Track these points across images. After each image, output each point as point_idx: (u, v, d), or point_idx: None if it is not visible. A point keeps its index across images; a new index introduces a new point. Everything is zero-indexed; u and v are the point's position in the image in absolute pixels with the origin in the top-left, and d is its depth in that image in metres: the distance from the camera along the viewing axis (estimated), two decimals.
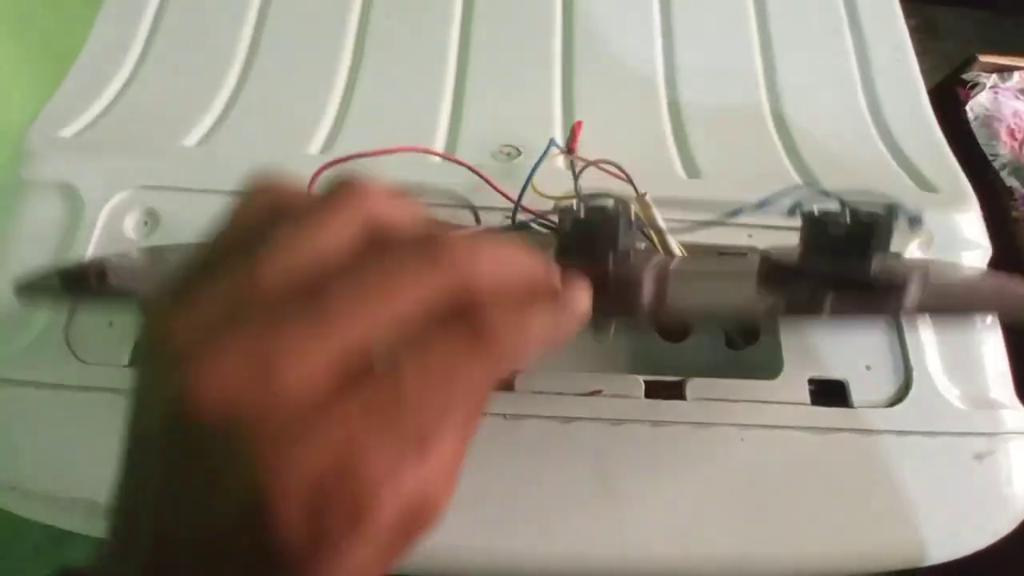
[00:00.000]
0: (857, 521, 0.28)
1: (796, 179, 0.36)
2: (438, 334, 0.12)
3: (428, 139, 0.37)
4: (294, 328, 0.11)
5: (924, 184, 0.37)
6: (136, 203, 0.32)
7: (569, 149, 0.31)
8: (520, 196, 0.29)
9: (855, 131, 0.40)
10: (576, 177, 0.29)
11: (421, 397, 0.12)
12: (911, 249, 0.33)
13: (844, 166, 0.37)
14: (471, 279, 0.13)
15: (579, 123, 0.30)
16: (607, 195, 0.22)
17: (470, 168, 0.31)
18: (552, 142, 0.30)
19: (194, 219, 0.31)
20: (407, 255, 0.13)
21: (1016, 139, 0.95)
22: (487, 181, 0.30)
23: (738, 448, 0.27)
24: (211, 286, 0.12)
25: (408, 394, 0.12)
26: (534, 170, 0.29)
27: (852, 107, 0.41)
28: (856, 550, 0.28)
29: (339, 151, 0.36)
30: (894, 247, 0.33)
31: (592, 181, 0.30)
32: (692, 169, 0.36)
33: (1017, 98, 1.00)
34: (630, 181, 0.29)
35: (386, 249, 0.13)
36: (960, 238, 0.34)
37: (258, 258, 0.12)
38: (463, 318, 0.12)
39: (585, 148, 0.37)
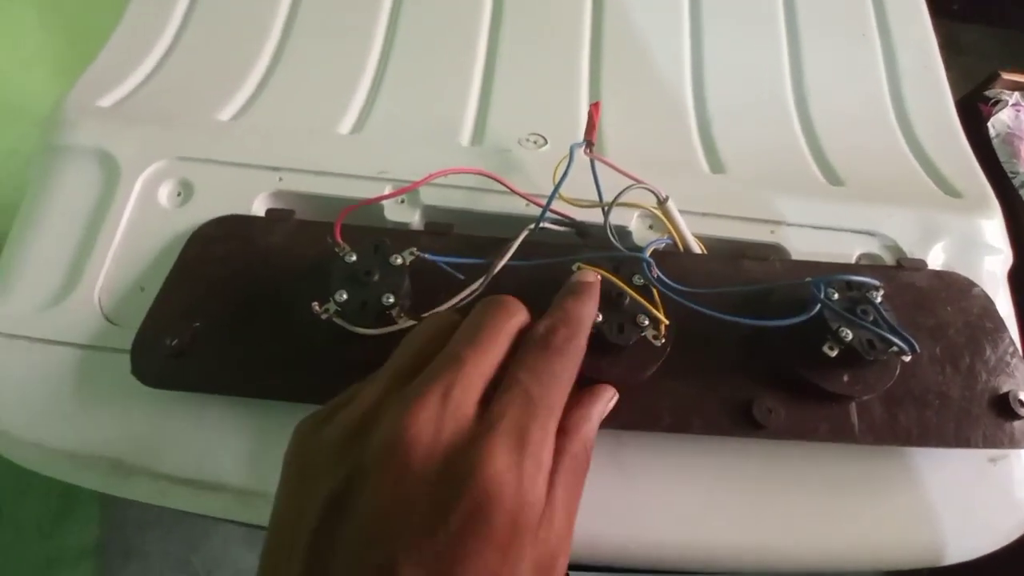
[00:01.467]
0: (871, 520, 0.28)
1: (821, 179, 0.36)
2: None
3: (456, 125, 0.37)
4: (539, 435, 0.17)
5: (948, 189, 0.37)
6: (171, 173, 0.33)
7: (588, 143, 0.31)
8: (543, 212, 0.29)
9: (880, 134, 0.40)
10: (610, 205, 0.29)
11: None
12: (935, 252, 0.33)
13: (869, 168, 0.37)
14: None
15: (596, 105, 0.30)
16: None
17: (506, 186, 0.31)
18: (573, 149, 0.30)
19: (226, 191, 0.32)
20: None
21: None
22: (521, 194, 0.31)
23: (753, 441, 0.28)
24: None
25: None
26: (557, 187, 0.29)
27: (878, 110, 0.41)
28: (870, 549, 0.28)
29: (368, 132, 0.36)
30: (916, 254, 0.33)
31: (614, 180, 0.30)
32: (716, 164, 0.36)
33: None
34: (653, 191, 0.30)
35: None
36: (982, 243, 0.35)
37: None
38: None
39: (609, 140, 0.37)
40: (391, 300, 0.25)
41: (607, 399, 0.24)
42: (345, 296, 0.25)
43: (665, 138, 0.38)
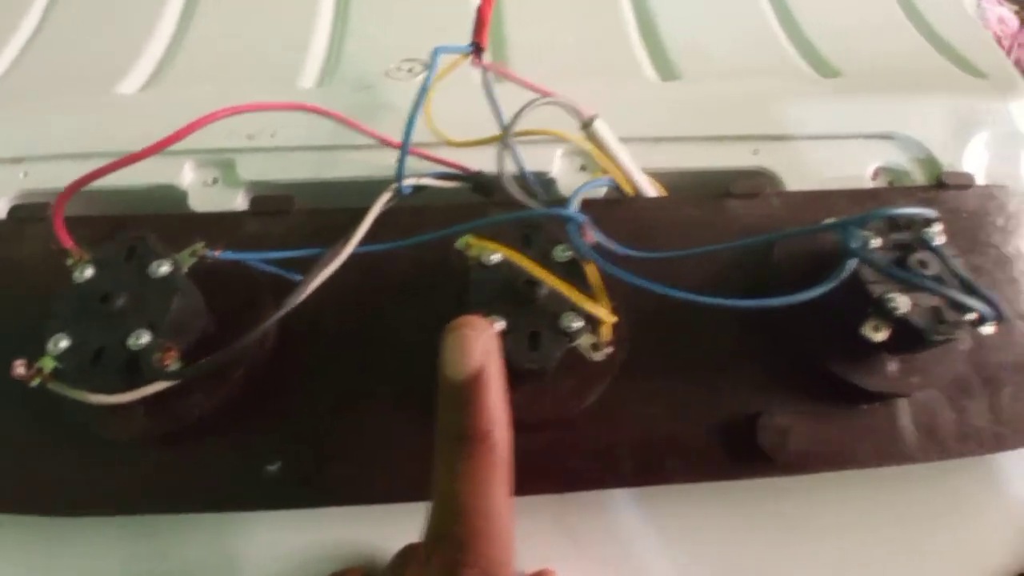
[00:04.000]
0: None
1: (809, 72, 0.27)
2: None
3: (296, 61, 0.26)
4: None
5: (970, 70, 0.28)
6: None
7: (476, 47, 0.21)
8: (401, 159, 0.19)
9: (881, 18, 0.30)
10: (503, 136, 0.19)
11: None
12: (972, 152, 0.24)
13: (868, 52, 0.27)
14: None
15: (488, 2, 0.20)
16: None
17: (356, 127, 0.20)
18: (438, 53, 0.20)
19: None
20: None
21: (1003, 47, 0.88)
22: (375, 135, 0.20)
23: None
24: None
25: None
26: (414, 113, 0.19)
27: None
28: None
29: (167, 87, 0.25)
30: (949, 158, 0.24)
31: (515, 99, 0.19)
32: (666, 69, 0.26)
33: (1001, 4, 0.92)
34: (571, 108, 0.19)
35: None
36: (1016, 130, 0.26)
37: None
38: None
39: (515, 47, 0.27)
40: (144, 340, 0.15)
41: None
42: (66, 342, 0.15)
43: (594, 40, 0.28)
